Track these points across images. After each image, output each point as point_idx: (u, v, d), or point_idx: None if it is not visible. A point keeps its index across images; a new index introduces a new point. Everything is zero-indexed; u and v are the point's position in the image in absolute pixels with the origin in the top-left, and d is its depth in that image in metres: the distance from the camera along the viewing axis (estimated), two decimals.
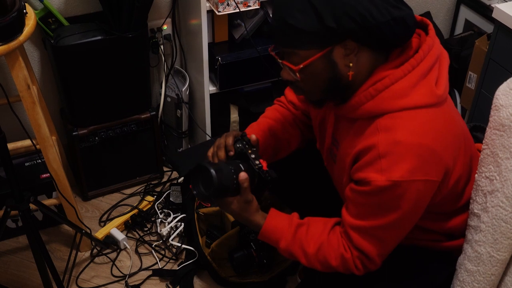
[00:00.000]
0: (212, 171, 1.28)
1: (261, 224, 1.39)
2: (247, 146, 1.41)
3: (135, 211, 2.19)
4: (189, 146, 2.45)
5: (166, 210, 2.17)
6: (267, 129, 1.56)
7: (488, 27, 2.34)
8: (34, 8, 1.92)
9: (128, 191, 2.32)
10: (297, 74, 1.24)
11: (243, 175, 1.33)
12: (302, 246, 1.36)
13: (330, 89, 1.27)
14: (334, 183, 1.48)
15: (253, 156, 1.39)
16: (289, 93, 1.62)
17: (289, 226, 1.38)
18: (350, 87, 1.26)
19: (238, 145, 1.42)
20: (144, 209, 2.20)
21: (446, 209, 1.39)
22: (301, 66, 1.22)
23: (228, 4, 1.91)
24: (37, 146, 1.75)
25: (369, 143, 1.22)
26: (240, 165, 1.36)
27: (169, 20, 2.21)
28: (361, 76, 1.24)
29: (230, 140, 1.42)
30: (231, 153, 1.41)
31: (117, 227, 2.11)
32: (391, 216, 1.25)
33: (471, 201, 1.38)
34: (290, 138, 1.59)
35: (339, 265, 1.34)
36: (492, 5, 2.20)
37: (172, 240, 2.07)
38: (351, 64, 1.21)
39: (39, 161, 2.09)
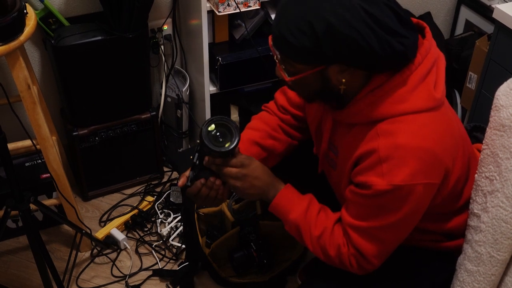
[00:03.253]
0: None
1: (273, 193, 1.38)
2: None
3: (135, 211, 2.19)
4: (189, 146, 2.45)
5: (166, 210, 2.18)
6: (246, 139, 1.54)
7: (488, 28, 2.34)
8: (35, 8, 1.92)
9: (128, 191, 2.32)
10: (289, 82, 1.26)
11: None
12: (310, 226, 1.35)
13: (321, 96, 1.29)
14: (332, 187, 1.48)
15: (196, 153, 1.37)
16: (280, 97, 1.61)
17: (304, 201, 1.37)
18: (342, 96, 1.26)
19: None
20: (144, 209, 2.20)
21: (446, 210, 1.40)
22: (293, 78, 1.23)
23: (228, 5, 1.91)
24: (37, 146, 1.75)
25: (370, 148, 1.22)
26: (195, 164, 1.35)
27: (169, 20, 2.21)
28: (354, 87, 1.24)
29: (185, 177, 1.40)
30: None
31: (117, 227, 2.11)
32: (391, 218, 1.25)
33: (471, 201, 1.38)
34: (275, 144, 1.57)
35: (335, 256, 1.34)
36: (493, 6, 2.20)
37: (172, 240, 2.07)
38: (344, 80, 1.21)
39: (39, 161, 2.09)
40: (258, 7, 1.98)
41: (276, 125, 1.58)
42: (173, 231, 2.08)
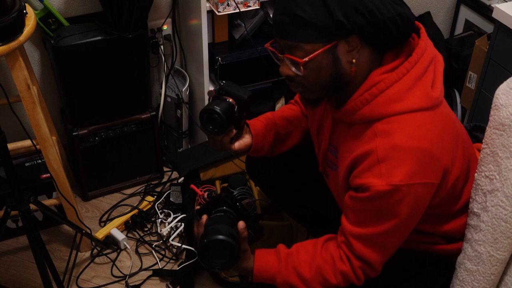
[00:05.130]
0: (229, 239, 1.26)
1: (252, 268, 1.38)
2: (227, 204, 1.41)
3: (135, 211, 2.19)
4: (189, 146, 2.45)
5: (166, 210, 2.17)
6: (277, 116, 1.59)
7: (488, 27, 2.35)
8: (34, 8, 1.92)
9: (128, 191, 2.32)
10: (301, 68, 1.22)
11: (241, 223, 1.33)
12: (298, 273, 1.35)
13: (330, 86, 1.26)
14: (329, 187, 1.48)
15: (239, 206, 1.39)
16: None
17: (279, 260, 1.37)
18: (349, 85, 1.26)
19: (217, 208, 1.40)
20: (144, 209, 2.20)
21: (445, 211, 1.39)
22: (306, 59, 1.20)
23: (228, 4, 1.91)
24: (37, 146, 1.75)
25: (367, 149, 1.22)
26: (230, 215, 1.36)
27: (169, 20, 2.21)
28: (360, 75, 1.24)
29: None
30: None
31: (117, 227, 2.11)
32: (392, 222, 1.24)
33: (470, 200, 1.38)
34: (298, 124, 1.60)
35: (340, 282, 1.33)
36: (492, 5, 2.20)
37: (172, 240, 2.07)
38: (354, 60, 1.21)
39: (39, 161, 2.09)
40: (258, 7, 1.98)
41: (300, 113, 1.62)
42: (173, 231, 2.08)
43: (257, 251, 1.40)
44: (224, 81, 1.45)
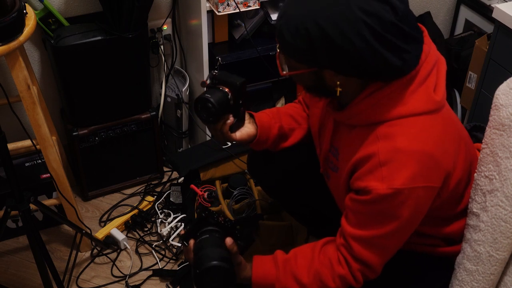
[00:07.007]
0: (221, 263, 1.25)
1: (250, 276, 1.38)
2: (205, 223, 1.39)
3: (135, 211, 2.19)
4: (189, 146, 2.45)
5: (166, 210, 2.17)
6: (282, 112, 1.60)
7: (488, 27, 2.35)
8: (34, 8, 1.92)
9: (128, 191, 2.32)
10: (285, 76, 1.28)
11: (228, 240, 1.33)
12: (296, 278, 1.34)
13: (317, 92, 1.29)
14: (330, 188, 1.48)
15: (218, 219, 1.37)
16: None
17: (276, 267, 1.36)
18: (339, 96, 1.26)
19: (202, 230, 1.37)
20: (144, 209, 2.20)
21: (446, 214, 1.39)
22: (287, 74, 1.26)
23: (228, 4, 1.91)
24: (37, 146, 1.75)
25: (369, 152, 1.22)
26: (215, 234, 1.34)
27: (169, 20, 2.21)
28: (351, 90, 1.24)
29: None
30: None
31: (117, 227, 2.11)
32: (393, 224, 1.24)
33: (470, 200, 1.38)
34: (301, 121, 1.60)
35: (338, 285, 1.32)
36: (492, 5, 2.20)
37: (172, 240, 2.07)
38: (338, 83, 1.21)
39: (39, 161, 2.09)
40: (258, 7, 1.98)
41: (302, 111, 1.63)
42: (173, 231, 2.08)
43: (254, 259, 1.40)
44: (216, 71, 1.45)
